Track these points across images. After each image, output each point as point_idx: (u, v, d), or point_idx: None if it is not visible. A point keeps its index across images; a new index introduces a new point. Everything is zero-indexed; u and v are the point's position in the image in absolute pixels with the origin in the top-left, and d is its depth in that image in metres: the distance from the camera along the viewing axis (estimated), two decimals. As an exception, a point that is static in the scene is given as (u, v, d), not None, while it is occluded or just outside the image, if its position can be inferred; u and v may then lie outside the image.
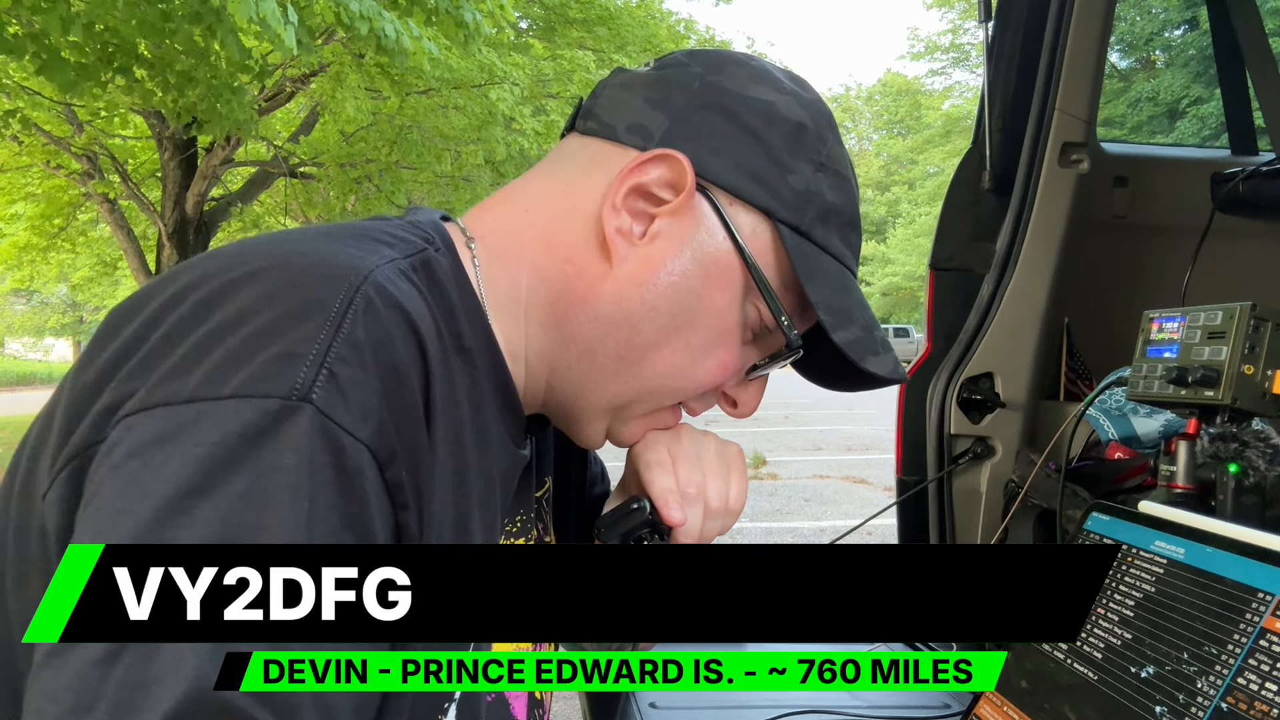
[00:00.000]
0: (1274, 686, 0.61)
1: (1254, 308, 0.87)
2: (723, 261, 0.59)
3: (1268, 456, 0.89)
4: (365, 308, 0.47)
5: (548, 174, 0.63)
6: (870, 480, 7.11)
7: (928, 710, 0.99)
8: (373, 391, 0.46)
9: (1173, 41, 22.80)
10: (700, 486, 0.66)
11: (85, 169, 9.43)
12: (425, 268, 0.54)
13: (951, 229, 1.68)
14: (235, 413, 0.43)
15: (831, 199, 0.61)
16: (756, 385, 0.67)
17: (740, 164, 0.59)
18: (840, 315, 0.61)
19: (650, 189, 0.58)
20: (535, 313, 0.60)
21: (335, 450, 0.44)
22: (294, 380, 0.43)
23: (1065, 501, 1.16)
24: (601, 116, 0.62)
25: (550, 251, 0.60)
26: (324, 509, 0.43)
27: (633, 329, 0.59)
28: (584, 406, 0.63)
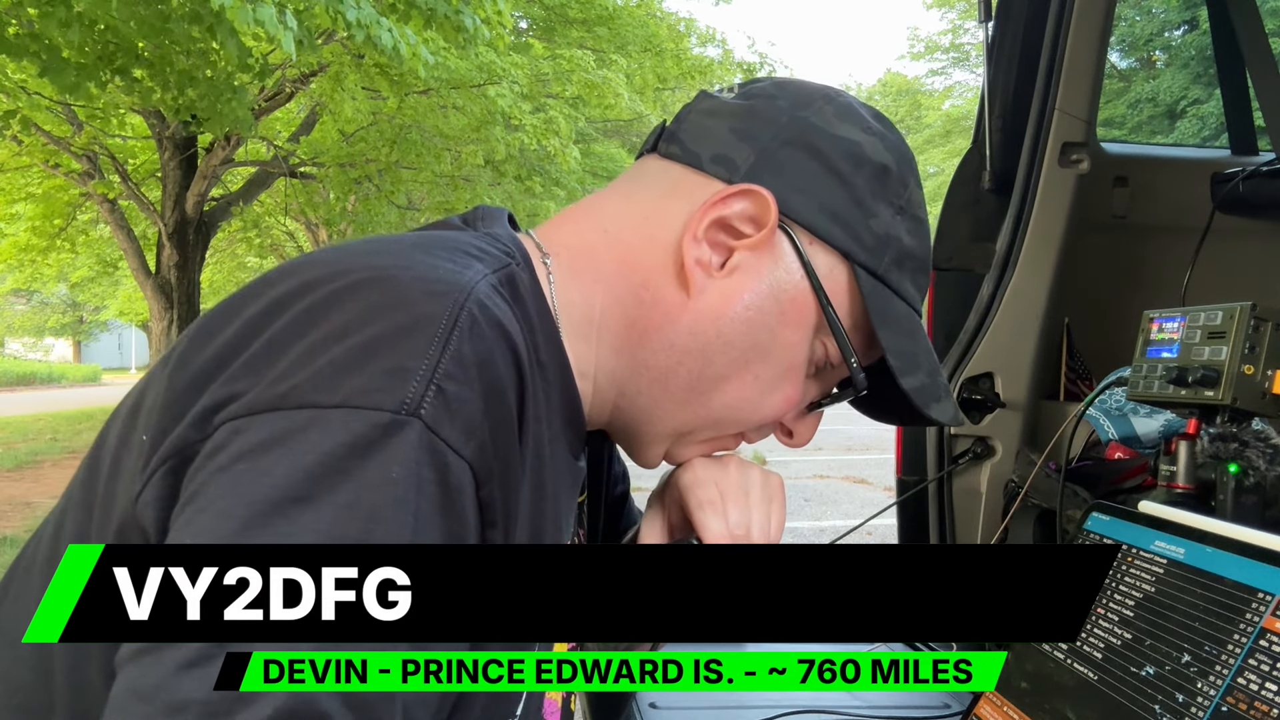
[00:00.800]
0: (1274, 686, 0.61)
1: (1254, 308, 0.87)
2: (799, 299, 0.60)
3: (1268, 456, 0.89)
4: (471, 325, 0.47)
5: (625, 194, 0.64)
6: (870, 480, 7.11)
7: (928, 710, 0.99)
8: (477, 409, 0.47)
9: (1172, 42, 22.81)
10: (748, 527, 0.67)
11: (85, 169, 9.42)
12: (510, 283, 0.54)
13: (951, 229, 1.68)
14: (345, 423, 0.43)
15: (908, 243, 0.62)
16: (814, 418, 0.68)
17: (823, 204, 0.60)
18: (909, 361, 0.61)
19: (732, 222, 0.59)
20: (608, 335, 0.61)
21: (440, 467, 0.45)
22: (405, 395, 0.44)
23: (1065, 501, 1.16)
24: (686, 143, 0.62)
25: (627, 275, 0.60)
26: (426, 524, 0.44)
27: (706, 360, 0.60)
28: (650, 430, 0.64)
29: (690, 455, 0.67)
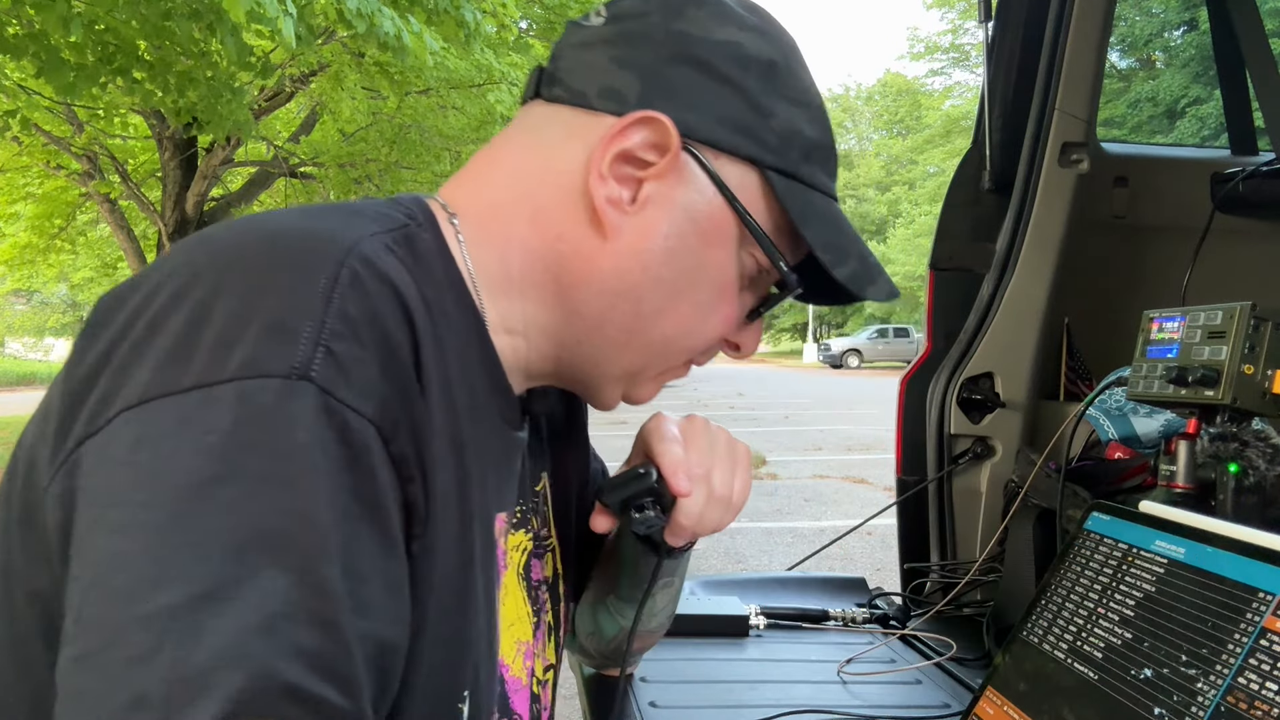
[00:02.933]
0: (1274, 686, 0.61)
1: (1254, 307, 0.87)
2: (716, 217, 0.59)
3: (1268, 456, 0.89)
4: (353, 281, 0.46)
5: (521, 145, 0.61)
6: (870, 480, 7.11)
7: (927, 709, 0.99)
8: (371, 367, 0.46)
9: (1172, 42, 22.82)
10: (708, 470, 0.69)
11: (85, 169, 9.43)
12: (408, 242, 0.53)
13: (951, 229, 1.68)
14: (238, 396, 0.42)
15: (811, 134, 0.61)
16: (755, 327, 0.67)
17: (720, 116, 0.58)
18: (837, 252, 0.61)
19: (635, 153, 0.57)
20: (531, 290, 0.59)
21: (341, 427, 0.44)
22: (293, 359, 0.43)
23: (1065, 501, 1.16)
24: (568, 82, 0.60)
25: (539, 228, 0.59)
26: (336, 487, 0.43)
27: (638, 299, 0.59)
28: (598, 375, 0.63)
29: (646, 391, 0.66)
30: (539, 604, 0.70)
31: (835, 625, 1.27)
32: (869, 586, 1.43)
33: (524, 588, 0.68)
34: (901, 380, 1.67)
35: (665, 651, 1.13)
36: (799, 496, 6.52)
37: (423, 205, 0.58)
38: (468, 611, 0.55)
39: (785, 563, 4.67)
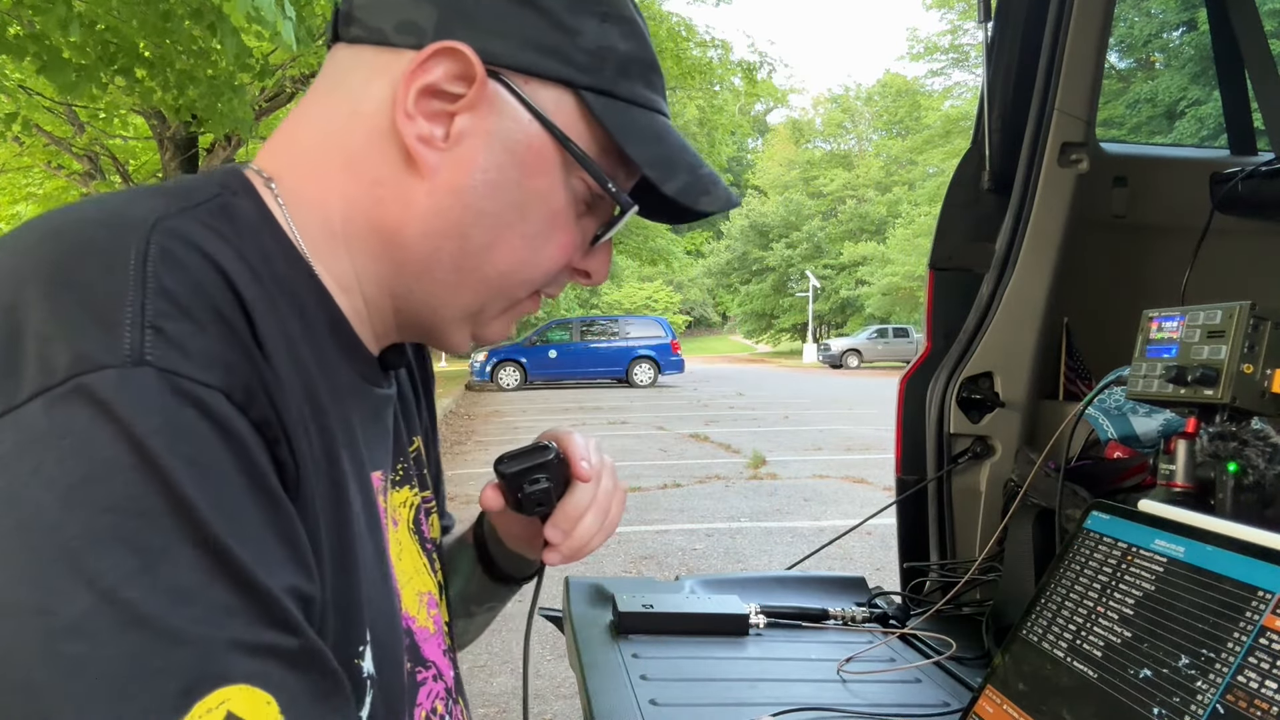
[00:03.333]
0: (1274, 685, 0.61)
1: (1253, 307, 0.87)
2: (535, 145, 0.57)
3: (1267, 455, 0.89)
4: (163, 257, 0.45)
5: (328, 94, 0.59)
6: (870, 480, 7.11)
7: (927, 709, 0.99)
8: (205, 338, 0.45)
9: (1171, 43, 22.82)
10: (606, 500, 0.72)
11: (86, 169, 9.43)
12: (223, 213, 0.51)
13: (951, 229, 1.68)
14: (80, 393, 0.41)
15: (625, 48, 0.58)
16: (602, 251, 0.65)
17: (525, 39, 0.55)
18: (665, 166, 0.59)
19: (440, 87, 0.54)
20: (357, 243, 0.58)
21: (197, 403, 0.43)
22: (121, 347, 0.42)
23: (1065, 501, 1.16)
24: (364, 20, 0.57)
25: (356, 177, 0.57)
26: (206, 460, 0.43)
27: (463, 237, 0.57)
28: (440, 320, 0.62)
29: (495, 329, 0.64)
30: (434, 564, 0.70)
31: (835, 624, 1.27)
32: (869, 586, 1.43)
33: (418, 542, 0.67)
34: (901, 380, 1.67)
35: (665, 650, 1.13)
36: (799, 496, 6.52)
37: (237, 174, 0.56)
38: (352, 571, 0.54)
39: (785, 562, 4.67)
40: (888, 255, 33.54)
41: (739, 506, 6.16)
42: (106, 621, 0.39)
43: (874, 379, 21.32)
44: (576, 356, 19.37)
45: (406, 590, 0.63)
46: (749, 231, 43.46)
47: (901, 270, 31.32)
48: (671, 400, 15.41)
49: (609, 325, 20.60)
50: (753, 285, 42.97)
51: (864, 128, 49.46)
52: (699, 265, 44.44)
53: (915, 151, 37.51)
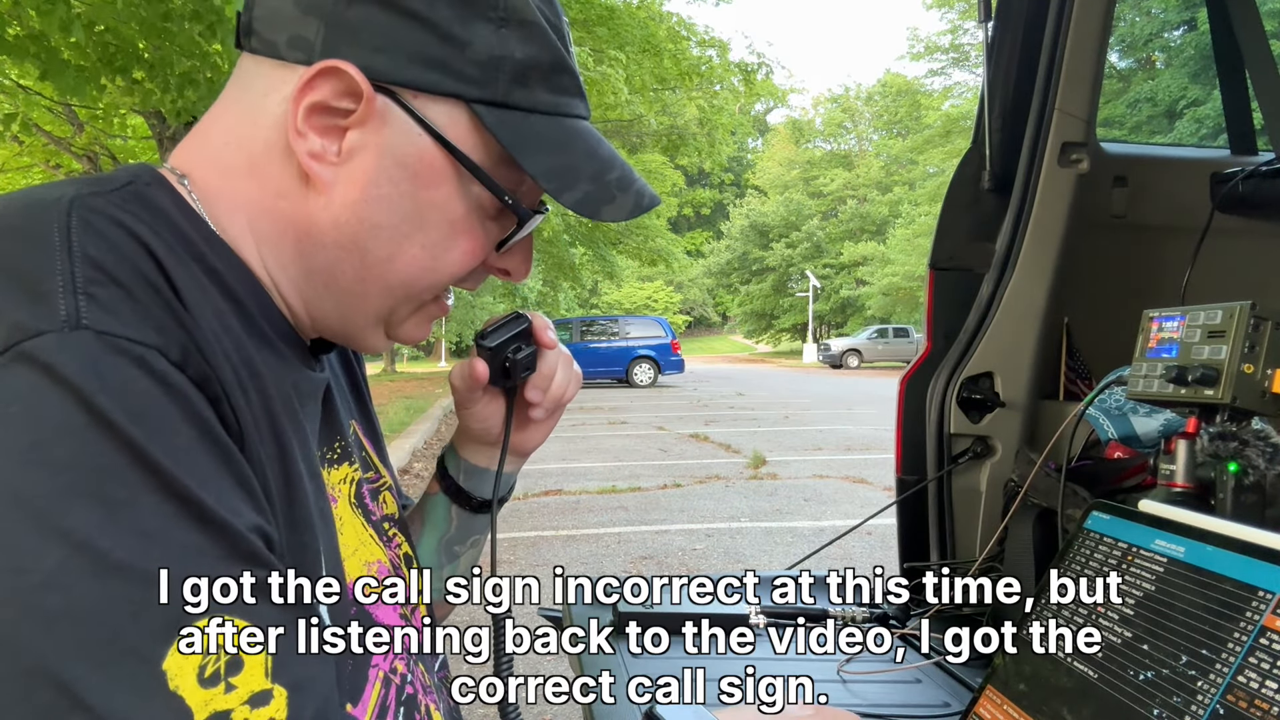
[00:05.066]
0: (1274, 685, 0.61)
1: (1254, 307, 0.87)
2: (427, 158, 0.57)
3: (1267, 455, 0.89)
4: (84, 229, 0.46)
5: (234, 103, 0.59)
6: (870, 480, 7.11)
7: (927, 708, 0.99)
8: (136, 301, 0.46)
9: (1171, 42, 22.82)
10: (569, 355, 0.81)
11: (86, 170, 9.43)
12: (137, 199, 0.52)
13: (951, 229, 1.68)
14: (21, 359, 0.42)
15: (524, 54, 0.57)
16: (519, 251, 0.65)
17: (411, 54, 0.55)
18: (563, 176, 0.58)
19: (329, 104, 0.55)
20: (268, 249, 0.58)
21: (135, 360, 0.44)
22: (57, 314, 0.43)
23: (1065, 501, 1.16)
24: (261, 33, 0.57)
25: (261, 187, 0.57)
26: (160, 414, 0.44)
27: (361, 249, 0.58)
28: (351, 325, 0.62)
29: (409, 331, 0.65)
30: (387, 538, 0.71)
31: (835, 624, 1.27)
32: (869, 586, 1.43)
33: (361, 515, 0.68)
34: (901, 380, 1.67)
35: (665, 649, 1.13)
36: (799, 496, 6.52)
37: (149, 169, 0.57)
38: (305, 530, 0.55)
39: (785, 562, 4.67)
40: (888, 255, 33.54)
41: (739, 506, 6.17)
42: (81, 572, 0.40)
43: (874, 379, 21.32)
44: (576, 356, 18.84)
45: (351, 561, 0.63)
46: (749, 231, 43.46)
47: (901, 270, 31.32)
48: (671, 400, 15.41)
49: (609, 325, 20.60)
50: (753, 285, 42.97)
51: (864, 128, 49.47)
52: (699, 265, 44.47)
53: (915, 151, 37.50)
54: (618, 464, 7.82)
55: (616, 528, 5.51)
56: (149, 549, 0.42)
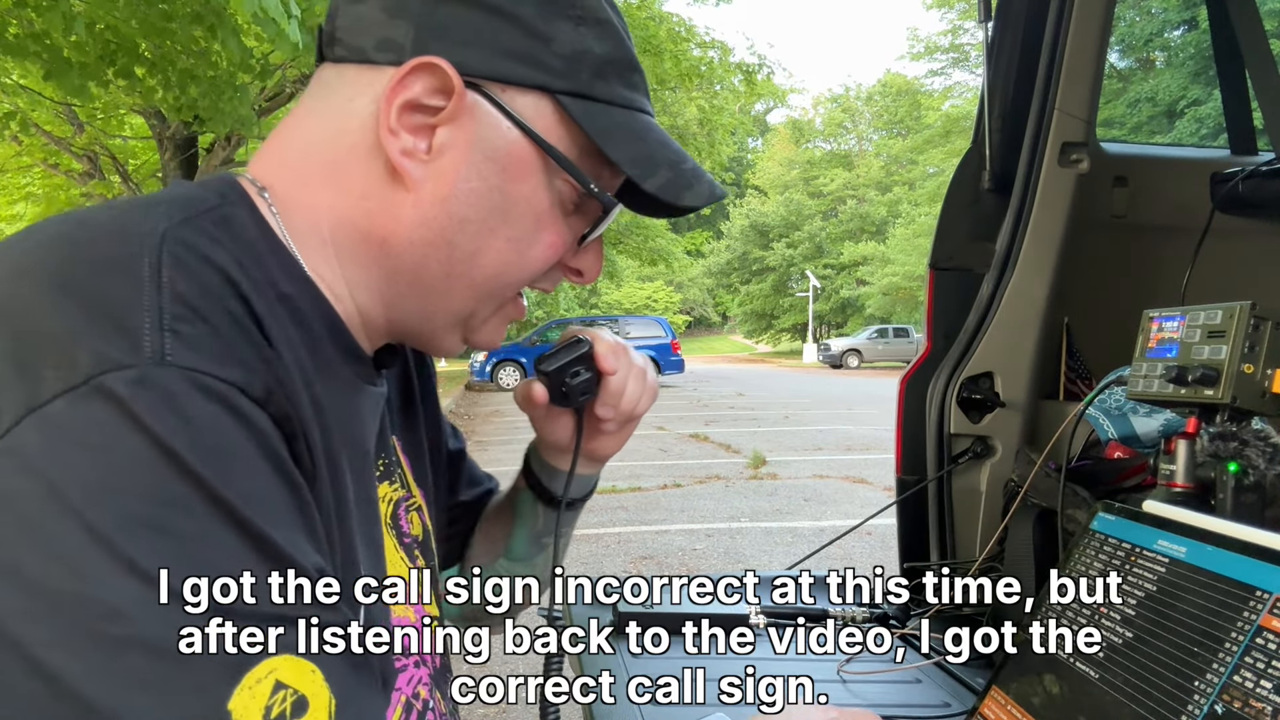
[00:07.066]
0: (1269, 685, 0.61)
1: (1254, 307, 0.87)
2: (515, 151, 0.58)
3: (1267, 455, 0.89)
4: (175, 264, 0.47)
5: (315, 111, 0.60)
6: (870, 480, 7.11)
7: (927, 709, 0.99)
8: (222, 339, 0.46)
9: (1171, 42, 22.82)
10: (643, 368, 0.77)
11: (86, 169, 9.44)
12: (224, 224, 0.53)
13: (951, 229, 1.68)
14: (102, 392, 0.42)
15: (601, 50, 0.59)
16: (593, 250, 0.66)
17: (498, 49, 0.57)
18: (645, 164, 0.60)
19: (421, 101, 0.56)
20: (346, 255, 0.59)
21: (218, 398, 0.44)
22: (142, 350, 0.43)
23: (1065, 501, 1.16)
24: (346, 40, 0.59)
25: (343, 192, 0.58)
26: (237, 450, 0.44)
27: (450, 244, 0.59)
28: (431, 325, 0.63)
29: (488, 332, 0.66)
30: (412, 558, 0.72)
31: (835, 624, 1.27)
32: (869, 586, 1.43)
33: (394, 535, 0.69)
34: (901, 380, 1.67)
35: (665, 649, 1.13)
36: (799, 496, 6.52)
37: (232, 183, 0.58)
38: (351, 570, 0.56)
39: (785, 562, 4.67)
40: (888, 255, 33.53)
41: (739, 506, 6.17)
42: (147, 605, 0.40)
43: (874, 379, 21.32)
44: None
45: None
46: (749, 231, 43.44)
47: (901, 270, 31.31)
48: (671, 400, 15.41)
49: (609, 325, 20.60)
50: (753, 285, 42.97)
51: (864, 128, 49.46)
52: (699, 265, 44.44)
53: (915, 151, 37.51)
54: (618, 464, 7.82)
55: (616, 528, 5.51)
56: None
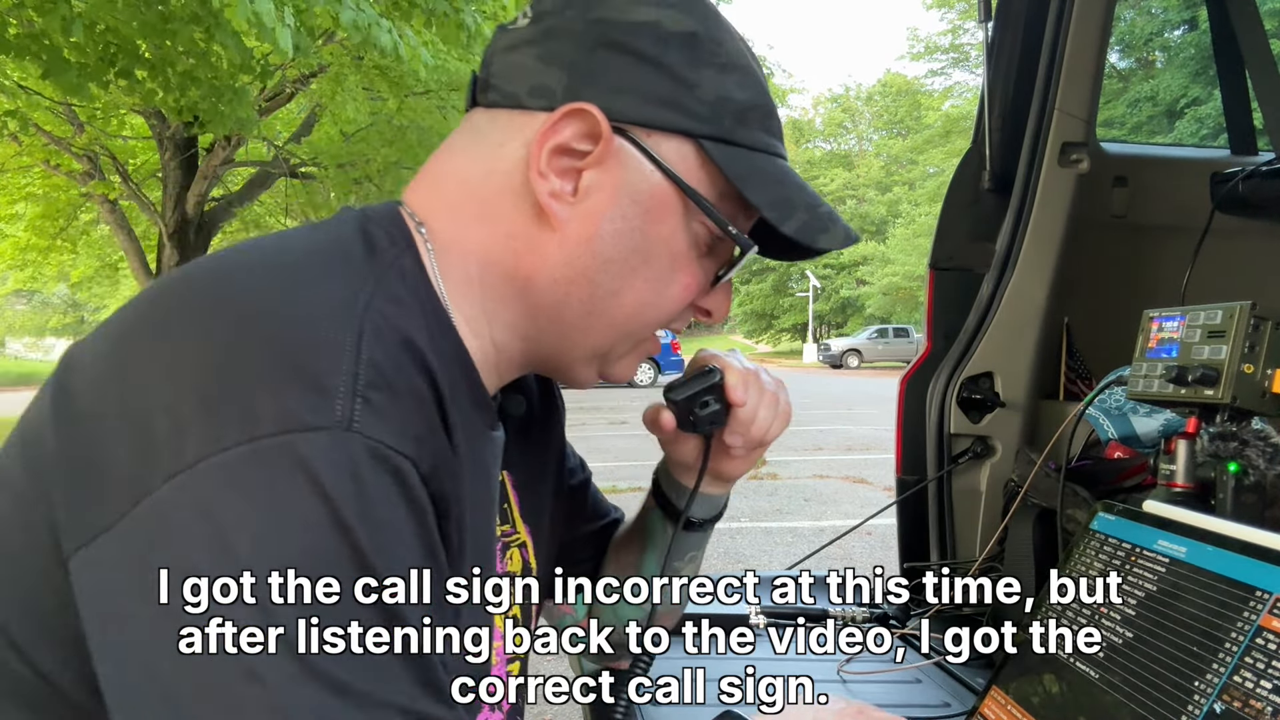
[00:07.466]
0: (1268, 685, 0.61)
1: (1254, 307, 0.87)
2: (658, 194, 0.60)
3: (1267, 455, 0.89)
4: (375, 336, 0.48)
5: (466, 152, 0.63)
6: (870, 480, 7.11)
7: (927, 709, 0.99)
8: (404, 412, 0.48)
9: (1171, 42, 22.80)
10: (774, 394, 0.76)
11: (86, 169, 9.43)
12: (401, 279, 0.55)
13: (951, 229, 1.68)
14: (286, 450, 0.43)
15: (742, 96, 0.62)
16: (723, 291, 0.68)
17: (646, 95, 0.59)
18: (783, 207, 0.62)
19: (570, 145, 0.59)
20: (491, 291, 0.61)
21: (393, 472, 0.46)
22: (333, 412, 0.45)
23: (1065, 501, 1.16)
24: (500, 86, 0.62)
25: (491, 230, 0.61)
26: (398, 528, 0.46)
27: (592, 283, 0.61)
28: (568, 360, 0.66)
29: (623, 368, 0.68)
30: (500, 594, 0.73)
31: (835, 624, 1.27)
32: (869, 586, 1.43)
33: None
34: (901, 380, 1.67)
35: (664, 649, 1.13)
36: (799, 496, 6.52)
37: (397, 221, 0.60)
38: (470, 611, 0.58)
39: (785, 563, 4.67)
40: (888, 255, 33.51)
41: (739, 506, 6.17)
42: (286, 669, 0.42)
43: (874, 379, 21.31)
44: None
45: None
46: (749, 231, 43.29)
47: (901, 270, 31.29)
48: (672, 400, 15.37)
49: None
50: (753, 285, 42.95)
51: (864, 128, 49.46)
52: (699, 265, 44.25)
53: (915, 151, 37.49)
54: (618, 464, 7.81)
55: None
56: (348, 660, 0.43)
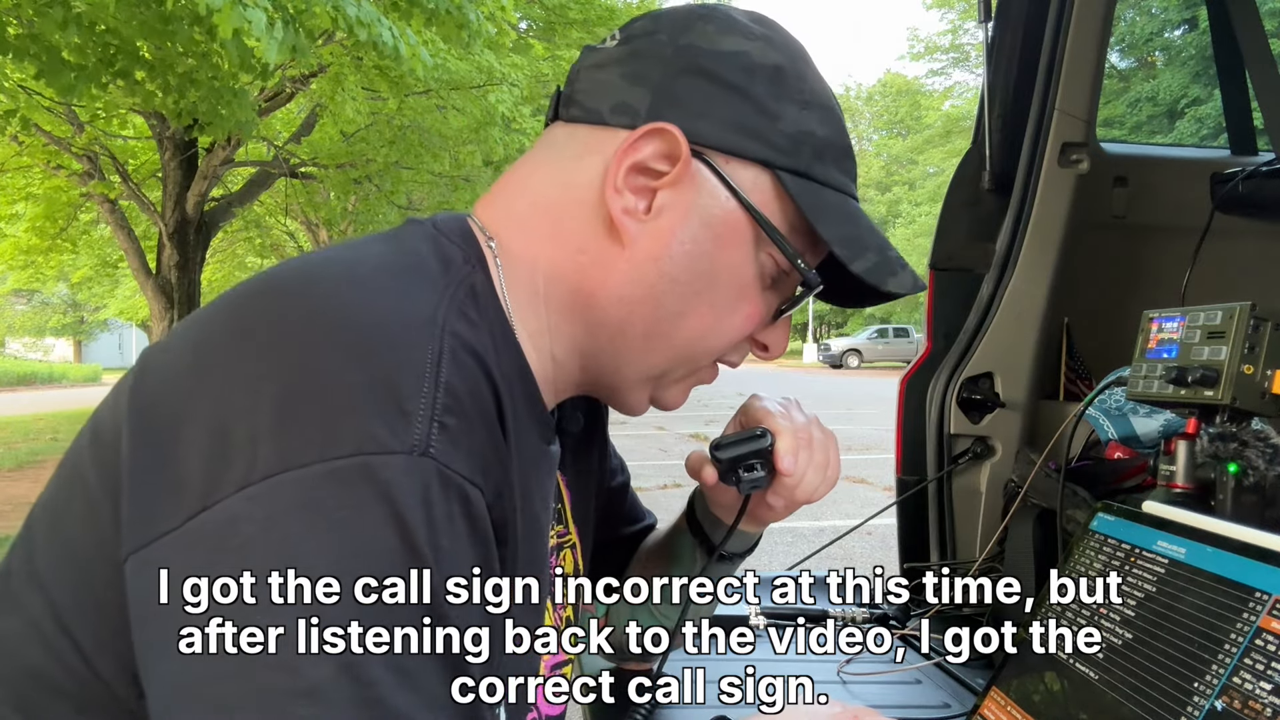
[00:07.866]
0: (1268, 686, 0.61)
1: (1254, 307, 0.87)
2: (730, 220, 0.60)
3: (1267, 456, 0.89)
4: (452, 357, 0.48)
5: (543, 166, 0.64)
6: (870, 480, 7.10)
7: (927, 709, 0.99)
8: (476, 437, 0.48)
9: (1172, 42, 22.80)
10: (810, 437, 0.74)
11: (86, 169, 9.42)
12: (473, 297, 0.55)
13: (951, 229, 1.68)
14: (364, 473, 0.43)
15: (822, 134, 0.62)
16: (781, 326, 0.68)
17: (729, 122, 0.60)
18: (854, 246, 0.62)
19: (648, 164, 0.59)
20: (555, 305, 0.61)
21: (463, 500, 0.47)
22: (411, 436, 0.45)
23: (1065, 501, 1.16)
24: (584, 102, 0.62)
25: (561, 244, 0.61)
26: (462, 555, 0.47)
27: (657, 303, 0.61)
28: (622, 381, 0.65)
29: (674, 395, 0.68)
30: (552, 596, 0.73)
31: (835, 625, 1.27)
32: (869, 586, 1.43)
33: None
34: (901, 380, 1.67)
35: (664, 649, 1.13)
36: (799, 496, 6.51)
37: (468, 236, 0.60)
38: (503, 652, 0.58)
39: (785, 563, 4.67)
40: (888, 255, 33.41)
41: (739, 506, 6.16)
42: (342, 694, 0.41)
43: (874, 379, 21.31)
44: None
45: None
46: (749, 231, 43.26)
47: (902, 270, 31.19)
48: (672, 400, 15.36)
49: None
50: (753, 285, 42.84)
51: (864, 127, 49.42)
52: (699, 265, 44.24)
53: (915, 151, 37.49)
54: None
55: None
56: (405, 690, 0.43)
